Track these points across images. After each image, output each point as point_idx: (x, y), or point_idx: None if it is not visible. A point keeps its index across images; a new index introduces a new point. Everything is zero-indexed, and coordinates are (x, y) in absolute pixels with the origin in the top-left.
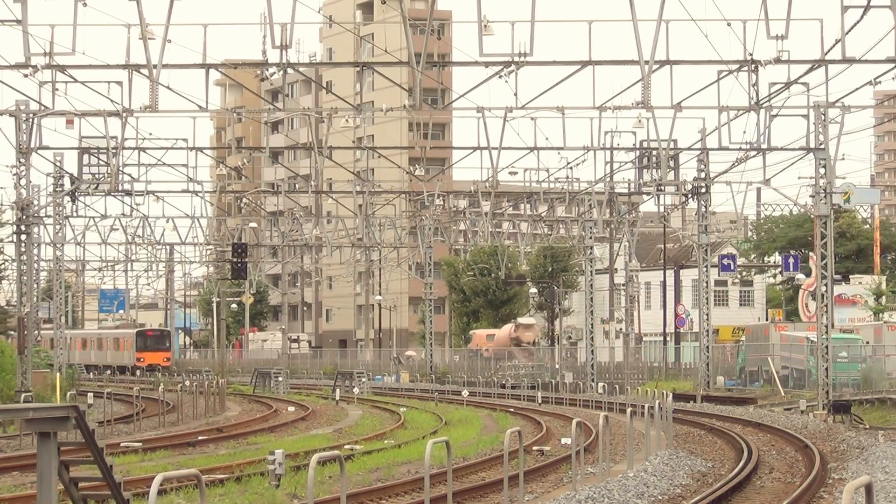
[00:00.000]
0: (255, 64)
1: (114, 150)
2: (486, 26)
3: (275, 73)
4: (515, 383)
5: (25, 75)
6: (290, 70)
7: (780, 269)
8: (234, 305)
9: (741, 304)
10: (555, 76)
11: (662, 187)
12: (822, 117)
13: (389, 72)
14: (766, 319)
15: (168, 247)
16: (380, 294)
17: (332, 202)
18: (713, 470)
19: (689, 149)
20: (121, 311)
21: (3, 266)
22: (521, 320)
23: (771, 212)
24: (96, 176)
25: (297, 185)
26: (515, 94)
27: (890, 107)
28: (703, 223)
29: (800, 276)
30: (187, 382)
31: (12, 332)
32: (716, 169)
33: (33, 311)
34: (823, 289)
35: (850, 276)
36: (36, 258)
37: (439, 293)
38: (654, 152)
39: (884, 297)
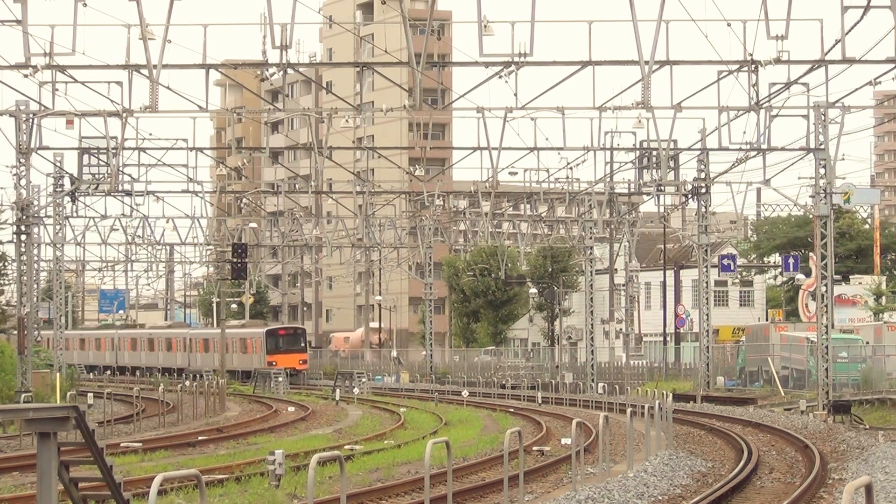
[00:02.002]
0: (255, 64)
1: (114, 151)
2: (486, 26)
3: (275, 73)
4: (515, 383)
5: (25, 75)
6: (290, 70)
7: (780, 270)
8: (234, 306)
9: (741, 305)
10: (555, 76)
11: (662, 187)
12: (822, 117)
13: (389, 72)
14: (766, 320)
15: (168, 247)
16: (380, 294)
17: (332, 202)
18: (713, 470)
19: (689, 149)
20: (121, 312)
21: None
22: (373, 325)
23: (771, 212)
24: (96, 176)
25: (297, 186)
26: (515, 95)
27: (890, 107)
28: (703, 223)
29: (800, 276)
30: (187, 383)
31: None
32: (716, 169)
33: (33, 311)
34: (823, 289)
35: (850, 277)
36: (36, 258)
37: (439, 293)
38: (654, 152)
39: (884, 298)
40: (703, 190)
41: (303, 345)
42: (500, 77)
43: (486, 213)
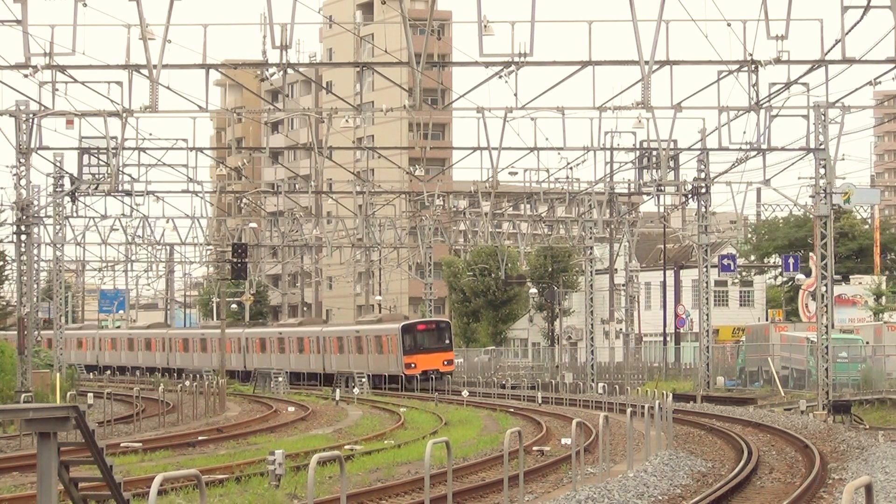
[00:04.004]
0: (255, 64)
1: (114, 151)
2: (486, 26)
3: (275, 73)
4: (515, 383)
5: (25, 75)
6: (290, 70)
7: (780, 270)
8: (234, 306)
9: (741, 305)
10: (555, 76)
11: (662, 187)
12: (822, 117)
13: (389, 72)
14: (766, 320)
15: (168, 247)
16: (380, 294)
17: (332, 202)
18: (713, 470)
19: (689, 149)
20: (121, 312)
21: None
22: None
23: (771, 212)
24: (96, 176)
25: (297, 186)
26: (515, 95)
27: (890, 107)
28: (703, 223)
29: (800, 276)
30: (187, 383)
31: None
32: (716, 169)
33: (33, 311)
34: (823, 289)
35: (850, 277)
36: (36, 258)
37: (439, 293)
38: (654, 152)
39: (884, 298)
40: (703, 190)
41: (448, 342)
42: (500, 77)
43: (486, 213)
